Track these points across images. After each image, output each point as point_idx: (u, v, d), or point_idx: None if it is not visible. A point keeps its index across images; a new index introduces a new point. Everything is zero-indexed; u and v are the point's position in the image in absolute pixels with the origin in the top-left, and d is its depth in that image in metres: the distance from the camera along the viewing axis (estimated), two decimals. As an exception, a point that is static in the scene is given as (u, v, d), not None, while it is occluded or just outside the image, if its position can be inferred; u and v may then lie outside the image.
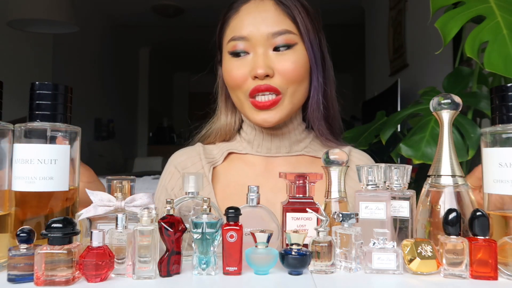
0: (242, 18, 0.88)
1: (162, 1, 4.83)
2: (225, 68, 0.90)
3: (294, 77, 0.86)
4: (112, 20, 5.50)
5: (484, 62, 1.07)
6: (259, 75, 0.84)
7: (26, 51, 3.75)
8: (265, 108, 0.85)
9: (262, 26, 0.86)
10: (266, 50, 0.86)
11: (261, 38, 0.86)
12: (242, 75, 0.87)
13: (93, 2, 4.76)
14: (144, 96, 6.81)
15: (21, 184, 0.62)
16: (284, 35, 0.86)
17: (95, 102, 5.10)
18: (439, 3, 1.22)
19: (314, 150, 0.95)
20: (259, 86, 0.85)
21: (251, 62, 0.86)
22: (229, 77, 0.89)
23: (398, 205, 0.66)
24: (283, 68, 0.85)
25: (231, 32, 0.89)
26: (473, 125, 1.32)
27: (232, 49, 0.88)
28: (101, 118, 5.39)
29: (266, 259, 0.57)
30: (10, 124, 0.64)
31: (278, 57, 0.86)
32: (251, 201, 0.66)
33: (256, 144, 0.94)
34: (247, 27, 0.87)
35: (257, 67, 0.84)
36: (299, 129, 0.95)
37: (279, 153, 0.94)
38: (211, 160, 0.94)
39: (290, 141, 0.94)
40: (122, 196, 0.63)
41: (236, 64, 0.88)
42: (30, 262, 0.53)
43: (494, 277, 0.55)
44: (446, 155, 0.64)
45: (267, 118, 0.86)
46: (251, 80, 0.86)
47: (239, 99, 0.90)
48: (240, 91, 0.88)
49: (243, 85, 0.87)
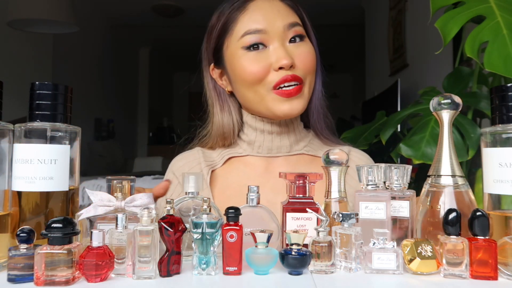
0: (254, 13, 0.89)
1: (162, 1, 4.83)
2: (241, 64, 0.89)
3: (311, 67, 0.90)
4: (112, 20, 5.50)
5: (484, 62, 1.07)
6: (285, 65, 0.85)
7: (26, 51, 3.75)
8: (292, 95, 0.86)
9: (277, 19, 0.88)
10: (284, 42, 0.88)
11: (278, 31, 0.87)
12: (263, 67, 0.87)
13: (93, 2, 4.76)
14: (144, 96, 6.81)
15: (21, 184, 0.62)
16: (296, 26, 0.89)
17: (95, 102, 5.10)
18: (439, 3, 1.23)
19: (314, 149, 0.96)
20: (286, 76, 0.85)
21: (273, 54, 0.87)
22: (248, 71, 0.88)
23: (398, 205, 0.66)
24: (303, 58, 0.88)
25: (243, 27, 0.88)
26: (473, 125, 1.32)
27: (248, 43, 0.88)
28: (101, 118, 5.39)
29: (266, 259, 0.57)
30: (10, 124, 0.64)
31: (295, 48, 0.88)
32: (251, 201, 0.66)
33: (257, 145, 0.94)
34: (262, 21, 0.88)
35: (281, 58, 0.85)
36: (299, 128, 0.95)
37: (280, 153, 0.94)
38: (210, 163, 0.94)
39: (290, 141, 0.94)
40: (122, 196, 0.63)
41: (255, 57, 0.87)
42: (30, 262, 0.53)
43: (494, 277, 0.55)
44: (446, 155, 0.64)
45: (294, 105, 0.87)
46: (274, 72, 0.86)
47: (258, 94, 0.89)
48: (261, 85, 0.88)
49: (265, 78, 0.87)
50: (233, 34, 0.90)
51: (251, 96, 0.90)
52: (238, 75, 0.90)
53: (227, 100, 0.97)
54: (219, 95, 0.98)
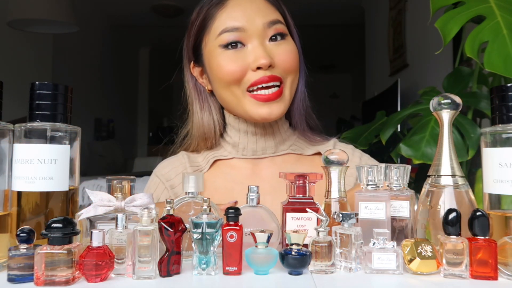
0: (233, 10, 0.86)
1: (162, 1, 4.83)
2: (218, 63, 0.85)
3: (293, 67, 0.87)
4: (112, 20, 5.50)
5: (484, 62, 1.07)
6: (263, 65, 0.82)
7: (26, 51, 3.75)
8: (270, 100, 0.83)
9: (256, 16, 0.85)
10: (263, 41, 0.85)
11: (257, 29, 0.84)
12: (240, 67, 0.83)
13: (93, 2, 4.76)
14: (144, 96, 6.81)
15: (21, 184, 0.62)
16: (277, 24, 0.86)
17: (95, 102, 5.09)
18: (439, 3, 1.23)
19: (300, 148, 0.94)
20: (264, 77, 0.82)
21: (251, 53, 0.83)
22: (225, 71, 0.85)
23: (398, 205, 0.66)
24: (283, 58, 0.85)
25: (221, 25, 0.85)
26: (473, 125, 1.33)
27: (225, 41, 0.84)
28: (101, 118, 5.39)
29: (266, 259, 0.57)
30: (10, 124, 0.64)
31: (275, 47, 0.85)
32: (251, 201, 0.66)
33: (241, 147, 0.92)
34: (241, 18, 0.84)
35: (260, 57, 0.82)
36: (283, 128, 0.93)
37: (265, 154, 0.92)
38: (196, 169, 0.92)
39: (275, 141, 0.92)
40: (122, 196, 0.63)
41: (232, 57, 0.84)
42: (30, 262, 0.53)
43: (494, 277, 0.55)
44: (446, 155, 0.64)
45: (273, 109, 0.84)
46: (251, 72, 0.83)
47: (235, 95, 0.86)
48: (237, 86, 0.84)
49: (242, 79, 0.84)
50: (211, 31, 0.87)
51: (228, 97, 0.87)
52: (215, 75, 0.87)
53: (208, 99, 0.94)
54: (199, 93, 0.95)
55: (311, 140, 0.95)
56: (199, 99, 0.95)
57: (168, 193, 0.92)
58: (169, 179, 0.92)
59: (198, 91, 0.95)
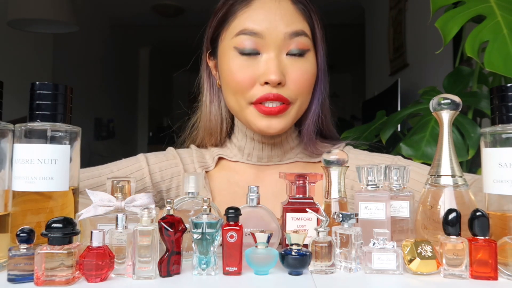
0: (256, 11, 0.80)
1: (162, 1, 4.83)
2: (228, 66, 0.81)
3: (305, 88, 0.82)
4: (112, 20, 5.50)
5: (484, 61, 1.07)
6: (272, 82, 0.77)
7: (26, 51, 3.75)
8: (272, 114, 0.79)
9: (279, 24, 0.78)
10: (280, 53, 0.79)
11: (277, 38, 0.78)
12: (249, 78, 0.79)
13: (94, 2, 4.76)
14: (144, 96, 6.81)
15: (21, 184, 0.62)
16: (300, 36, 0.80)
17: (95, 102, 5.09)
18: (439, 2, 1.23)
19: (308, 156, 0.91)
20: (269, 94, 0.78)
21: (263, 65, 0.79)
22: (233, 78, 0.80)
23: (398, 205, 0.66)
24: (296, 77, 0.80)
25: (240, 24, 0.80)
26: (473, 125, 1.33)
27: (240, 44, 0.79)
28: (101, 118, 5.39)
29: (266, 259, 0.57)
30: (10, 124, 0.64)
31: (291, 63, 0.80)
32: (251, 201, 0.66)
33: (246, 153, 0.89)
34: (262, 22, 0.79)
35: (270, 72, 0.77)
36: (292, 137, 0.90)
37: (271, 162, 0.90)
38: (203, 165, 0.91)
39: (282, 150, 0.89)
40: (122, 196, 0.63)
41: (244, 64, 0.80)
42: (30, 262, 0.53)
43: (494, 277, 0.55)
44: (446, 155, 0.64)
45: (273, 124, 0.80)
46: (259, 86, 0.79)
47: (238, 103, 0.82)
48: (242, 97, 0.81)
49: (248, 91, 0.80)
50: (229, 28, 0.83)
51: (233, 103, 0.84)
52: (224, 77, 0.84)
53: (218, 94, 0.91)
54: (211, 86, 0.91)
55: (321, 147, 0.91)
56: (210, 91, 0.91)
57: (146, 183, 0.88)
58: (163, 169, 0.90)
59: (210, 82, 0.92)
